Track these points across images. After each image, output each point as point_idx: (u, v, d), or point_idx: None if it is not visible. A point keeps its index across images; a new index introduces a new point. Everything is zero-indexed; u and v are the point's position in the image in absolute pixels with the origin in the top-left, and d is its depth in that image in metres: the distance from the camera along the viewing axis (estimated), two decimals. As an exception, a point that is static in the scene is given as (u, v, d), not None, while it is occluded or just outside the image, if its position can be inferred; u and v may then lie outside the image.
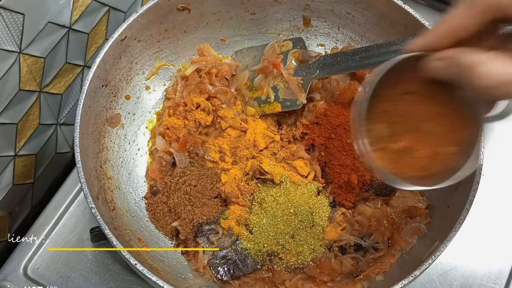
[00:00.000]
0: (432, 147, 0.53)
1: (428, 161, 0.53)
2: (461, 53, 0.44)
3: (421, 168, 0.53)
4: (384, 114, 0.54)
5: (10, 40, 0.67)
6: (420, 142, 0.53)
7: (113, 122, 0.82)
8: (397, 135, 0.54)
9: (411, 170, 0.54)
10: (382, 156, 0.54)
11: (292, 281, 0.74)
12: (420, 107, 0.53)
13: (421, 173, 0.53)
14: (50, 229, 0.84)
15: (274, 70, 0.85)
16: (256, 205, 0.78)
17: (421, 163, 0.53)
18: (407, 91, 0.53)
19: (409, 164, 0.54)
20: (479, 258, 0.81)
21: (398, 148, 0.54)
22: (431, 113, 0.52)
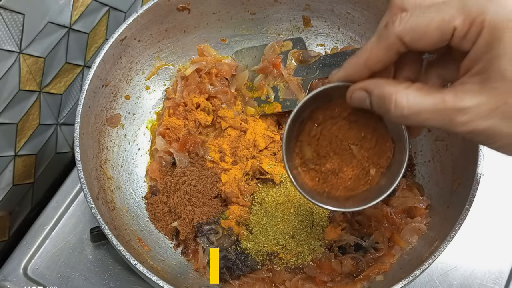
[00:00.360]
0: (355, 169, 0.57)
1: (352, 182, 0.57)
2: (377, 84, 0.47)
3: (347, 188, 0.57)
4: (313, 137, 0.58)
5: (10, 40, 0.68)
6: (344, 164, 0.57)
7: (113, 122, 0.82)
8: (323, 158, 0.58)
9: (338, 190, 0.57)
10: (312, 177, 0.59)
11: (292, 281, 0.74)
12: (346, 131, 0.56)
13: (348, 193, 0.57)
14: (50, 229, 0.84)
15: (274, 70, 0.85)
16: (256, 205, 0.78)
17: (346, 184, 0.57)
18: (336, 115, 0.57)
19: (336, 184, 0.58)
20: (479, 258, 0.81)
21: (324, 169, 0.58)
22: (355, 137, 0.56)
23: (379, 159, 0.56)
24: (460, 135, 0.45)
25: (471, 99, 0.42)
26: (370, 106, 0.48)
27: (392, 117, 0.46)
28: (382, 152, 0.56)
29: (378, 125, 0.55)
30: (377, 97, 0.47)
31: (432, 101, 0.44)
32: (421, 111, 0.44)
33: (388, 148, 0.56)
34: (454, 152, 0.76)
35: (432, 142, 0.81)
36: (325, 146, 0.58)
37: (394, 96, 0.45)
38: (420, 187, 0.80)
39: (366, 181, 0.57)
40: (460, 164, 0.74)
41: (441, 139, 0.79)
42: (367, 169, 0.57)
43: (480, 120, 0.42)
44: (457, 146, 0.75)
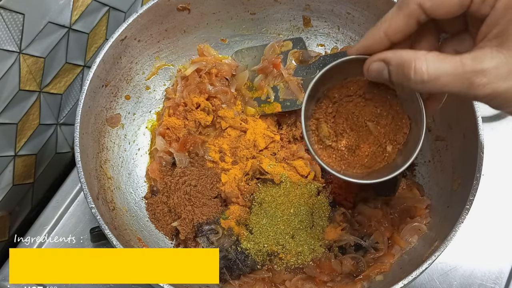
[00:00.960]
0: (372, 146, 0.57)
1: (369, 159, 0.57)
2: (397, 52, 0.47)
3: (364, 166, 0.57)
4: (329, 115, 0.59)
5: (10, 40, 0.68)
6: (361, 141, 0.58)
7: (113, 122, 0.82)
8: (340, 135, 0.58)
9: (355, 167, 0.58)
10: (329, 154, 0.59)
11: (292, 281, 0.74)
12: (362, 108, 0.57)
13: (364, 171, 0.58)
14: (50, 229, 0.84)
15: (274, 70, 0.85)
16: (256, 205, 0.78)
17: (363, 161, 0.58)
18: (352, 93, 0.57)
19: (352, 162, 0.58)
20: (479, 258, 0.81)
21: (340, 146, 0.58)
22: (372, 113, 0.57)
23: (395, 135, 0.56)
24: (479, 99, 0.44)
25: (490, 61, 0.43)
26: (388, 77, 0.48)
27: (411, 84, 0.45)
28: (398, 128, 0.56)
29: (394, 102, 0.55)
30: (395, 66, 0.47)
31: (451, 65, 0.44)
32: (440, 75, 0.44)
33: (404, 124, 0.56)
34: (454, 152, 0.76)
35: (432, 142, 0.81)
36: (341, 123, 0.58)
37: (413, 62, 0.45)
38: (420, 187, 0.80)
39: (383, 158, 0.57)
40: (460, 164, 0.74)
41: (441, 139, 0.79)
42: (384, 145, 0.57)
43: (500, 82, 0.42)
44: (457, 146, 0.75)
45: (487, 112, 0.93)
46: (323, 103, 0.59)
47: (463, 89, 0.44)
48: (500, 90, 0.43)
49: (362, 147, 0.58)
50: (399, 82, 0.47)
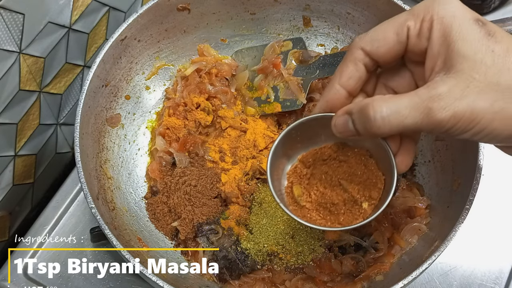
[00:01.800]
0: (347, 204, 0.58)
1: (345, 217, 0.58)
2: (355, 103, 0.50)
3: (340, 224, 0.58)
4: (303, 177, 0.60)
5: (10, 40, 0.68)
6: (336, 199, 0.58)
7: (113, 122, 0.82)
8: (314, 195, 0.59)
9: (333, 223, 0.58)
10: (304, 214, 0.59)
11: (292, 281, 0.74)
12: (336, 169, 0.58)
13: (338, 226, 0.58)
14: (50, 229, 0.84)
15: (274, 70, 0.85)
16: (256, 205, 0.78)
17: (339, 219, 0.58)
18: (326, 157, 0.59)
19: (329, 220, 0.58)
20: (479, 258, 0.81)
21: (315, 206, 0.59)
22: (346, 173, 0.57)
23: (370, 191, 0.57)
24: (444, 126, 0.44)
25: (442, 86, 0.44)
26: (353, 127, 0.49)
27: (373, 125, 0.46)
28: (373, 184, 0.57)
29: (368, 161, 0.57)
30: (357, 112, 0.48)
31: (408, 98, 0.45)
32: (399, 109, 0.45)
33: (379, 180, 0.56)
34: (454, 152, 0.76)
35: (432, 142, 0.81)
36: (315, 183, 0.59)
37: (371, 103, 0.46)
38: (420, 187, 0.80)
39: (359, 215, 0.57)
40: (460, 164, 0.74)
41: (441, 139, 0.79)
42: (359, 202, 0.57)
43: (457, 102, 0.43)
44: (457, 146, 0.75)
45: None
46: (297, 167, 0.61)
47: (424, 117, 0.44)
48: (460, 110, 0.43)
49: (338, 206, 0.58)
50: (363, 128, 0.48)
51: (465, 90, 0.44)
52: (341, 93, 0.52)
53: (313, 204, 0.59)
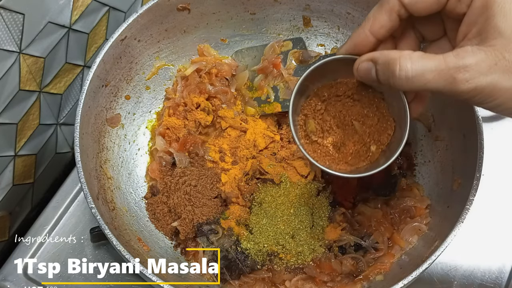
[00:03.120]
0: (356, 145, 0.59)
1: (353, 158, 0.59)
2: (384, 52, 0.50)
3: (347, 163, 0.59)
4: (317, 112, 0.61)
5: (10, 40, 0.68)
6: (347, 139, 0.59)
7: (113, 122, 0.82)
8: (326, 131, 0.60)
9: (338, 164, 0.60)
10: (314, 149, 0.61)
11: (292, 281, 0.74)
12: (350, 107, 0.59)
13: (348, 168, 0.60)
14: (50, 229, 0.84)
15: (274, 70, 0.85)
16: (256, 205, 0.78)
17: (347, 159, 0.60)
18: (341, 93, 0.59)
19: (336, 159, 0.60)
20: (479, 258, 0.81)
21: (326, 143, 0.60)
22: (358, 113, 0.59)
23: (380, 136, 0.58)
24: (463, 95, 0.45)
25: (471, 57, 0.44)
26: (375, 76, 0.50)
27: (397, 81, 0.47)
28: (383, 129, 0.58)
29: (381, 105, 0.58)
30: (382, 64, 0.49)
31: (435, 62, 0.45)
32: (424, 72, 0.45)
33: (389, 126, 0.58)
34: (454, 152, 0.76)
35: (432, 142, 0.81)
36: (328, 120, 0.60)
37: (398, 60, 0.47)
38: (420, 187, 0.80)
39: (367, 157, 0.59)
40: (460, 164, 0.74)
41: (441, 139, 0.79)
42: (368, 145, 0.58)
43: (482, 76, 0.44)
44: (457, 146, 0.75)
45: (487, 112, 0.93)
46: (312, 100, 0.61)
47: (447, 85, 0.45)
48: (482, 85, 0.44)
49: (347, 145, 0.59)
50: (385, 80, 0.49)
51: (492, 67, 0.44)
52: (370, 40, 0.52)
53: (324, 140, 0.60)
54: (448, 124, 0.78)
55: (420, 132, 0.83)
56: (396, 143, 0.57)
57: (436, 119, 0.81)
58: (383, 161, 0.57)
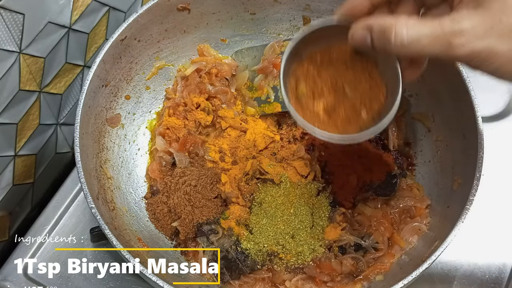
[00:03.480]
0: (347, 110, 0.59)
1: (343, 123, 0.59)
2: (379, 19, 0.49)
3: (337, 128, 0.59)
4: (309, 75, 0.60)
5: (10, 40, 0.68)
6: (337, 104, 0.59)
7: (113, 122, 0.82)
8: (317, 95, 0.59)
9: (327, 128, 0.59)
10: (304, 112, 0.60)
11: (292, 281, 0.74)
12: (342, 73, 0.58)
13: (335, 131, 0.59)
14: (50, 229, 0.84)
15: (274, 70, 0.85)
16: (256, 205, 0.78)
17: (337, 123, 0.59)
18: (334, 59, 0.59)
19: (326, 123, 0.59)
20: (479, 257, 0.81)
21: (316, 106, 0.59)
22: (351, 79, 0.58)
23: (371, 102, 0.58)
24: (459, 60, 0.46)
25: (467, 21, 0.44)
26: (371, 43, 0.50)
27: (392, 47, 0.47)
28: (375, 96, 0.58)
29: (374, 72, 0.57)
30: (377, 31, 0.48)
31: (430, 27, 0.45)
32: (420, 38, 0.46)
33: (381, 93, 0.58)
34: (454, 152, 0.76)
35: (432, 142, 0.81)
36: (320, 84, 0.59)
37: (394, 26, 0.47)
38: (420, 187, 0.80)
39: (357, 123, 0.58)
40: (460, 164, 0.74)
41: (441, 139, 0.79)
42: (359, 111, 0.58)
43: (478, 41, 0.44)
44: (457, 146, 0.75)
45: (487, 112, 0.93)
46: (305, 64, 0.60)
47: (443, 50, 0.45)
48: (478, 49, 0.44)
49: (337, 110, 0.59)
50: (381, 47, 0.49)
51: (488, 31, 0.44)
52: (365, 4, 0.52)
53: (315, 104, 0.59)
54: (448, 124, 0.78)
55: (420, 132, 0.83)
56: (387, 111, 0.57)
57: (436, 119, 0.81)
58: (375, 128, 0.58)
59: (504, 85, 0.97)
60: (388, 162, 0.78)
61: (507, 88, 0.97)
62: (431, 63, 0.76)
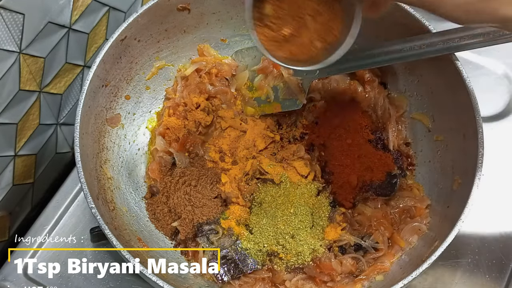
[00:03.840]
0: (303, 38, 0.61)
1: (297, 48, 0.61)
2: None
3: (290, 52, 0.61)
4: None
5: (10, 40, 0.68)
6: (295, 30, 0.61)
7: (113, 122, 0.82)
8: (280, 19, 0.61)
9: (282, 51, 0.62)
10: (263, 32, 0.62)
11: (292, 281, 0.74)
12: (306, 2, 0.60)
13: (289, 57, 0.62)
14: (50, 229, 0.84)
15: (274, 70, 0.85)
16: (256, 205, 0.78)
17: (291, 48, 0.62)
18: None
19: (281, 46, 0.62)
20: (479, 258, 0.81)
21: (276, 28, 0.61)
22: (312, 9, 0.60)
23: (326, 34, 0.60)
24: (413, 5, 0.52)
25: None
26: None
27: None
28: (331, 29, 0.60)
29: (336, 6, 0.60)
30: None
31: None
32: None
33: (337, 27, 0.60)
34: (454, 152, 0.76)
35: (432, 142, 0.81)
36: (284, 8, 0.61)
37: None
38: (420, 187, 0.80)
39: (309, 52, 0.61)
40: (460, 164, 0.74)
41: (441, 139, 0.79)
42: (314, 40, 0.61)
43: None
44: (457, 146, 0.75)
45: (487, 112, 0.93)
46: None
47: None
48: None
49: (295, 36, 0.61)
50: None
51: None
52: None
53: (275, 26, 0.61)
54: (448, 124, 0.78)
55: (420, 132, 0.83)
56: (340, 47, 0.60)
57: (436, 119, 0.81)
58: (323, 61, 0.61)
59: (504, 85, 0.97)
60: (388, 162, 0.78)
61: (507, 88, 0.97)
62: (431, 63, 0.76)
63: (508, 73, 0.98)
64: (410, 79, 0.84)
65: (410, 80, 0.83)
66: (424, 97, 0.82)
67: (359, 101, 0.84)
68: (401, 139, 0.84)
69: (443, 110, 0.79)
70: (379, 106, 0.84)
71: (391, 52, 0.74)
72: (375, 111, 0.84)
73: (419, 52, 0.71)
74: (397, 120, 0.84)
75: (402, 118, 0.85)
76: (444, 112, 0.79)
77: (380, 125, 0.84)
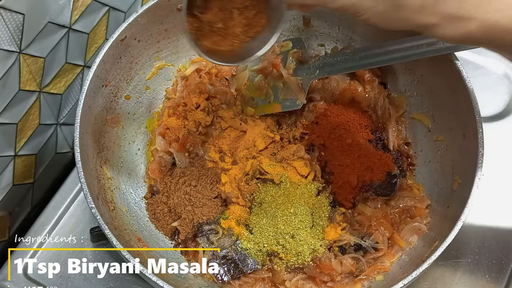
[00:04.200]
0: (228, 29, 0.63)
1: (220, 39, 0.64)
2: None
3: (213, 42, 0.64)
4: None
5: (10, 40, 0.68)
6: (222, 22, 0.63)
7: (113, 122, 0.82)
8: (209, 10, 0.63)
9: (205, 40, 0.64)
10: (193, 21, 0.63)
11: (292, 281, 0.74)
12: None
13: (211, 47, 0.64)
14: (50, 229, 0.84)
15: (274, 70, 0.85)
16: (256, 205, 0.78)
17: (214, 38, 0.64)
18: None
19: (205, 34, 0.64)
20: (479, 258, 0.81)
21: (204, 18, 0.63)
22: (241, 4, 0.62)
23: (250, 29, 0.63)
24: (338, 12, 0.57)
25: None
26: None
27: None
28: (255, 24, 0.63)
29: (263, 3, 0.62)
30: None
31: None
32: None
33: (260, 24, 0.63)
34: (454, 152, 0.76)
35: (432, 142, 0.81)
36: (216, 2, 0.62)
37: None
38: (420, 187, 0.80)
39: (231, 43, 0.64)
40: (460, 164, 0.74)
41: (441, 139, 0.79)
42: (237, 33, 0.63)
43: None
44: (457, 146, 0.75)
45: (487, 112, 0.93)
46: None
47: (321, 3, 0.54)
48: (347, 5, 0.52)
49: (220, 26, 0.63)
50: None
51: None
52: None
53: (203, 16, 0.63)
54: (448, 124, 0.78)
55: (420, 132, 0.83)
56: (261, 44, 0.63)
57: (436, 119, 0.81)
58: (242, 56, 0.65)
59: (504, 85, 0.97)
60: (388, 162, 0.78)
61: (507, 88, 0.97)
62: (431, 63, 0.76)
63: (508, 73, 0.98)
64: (410, 79, 0.84)
65: (410, 80, 0.83)
66: (424, 97, 0.82)
67: (359, 101, 0.84)
68: (401, 139, 0.84)
69: (443, 110, 0.79)
70: (379, 106, 0.84)
71: (391, 52, 0.74)
72: (375, 111, 0.84)
73: (419, 52, 0.71)
74: (397, 120, 0.84)
75: (402, 118, 0.85)
76: (444, 112, 0.79)
77: (380, 125, 0.84)
